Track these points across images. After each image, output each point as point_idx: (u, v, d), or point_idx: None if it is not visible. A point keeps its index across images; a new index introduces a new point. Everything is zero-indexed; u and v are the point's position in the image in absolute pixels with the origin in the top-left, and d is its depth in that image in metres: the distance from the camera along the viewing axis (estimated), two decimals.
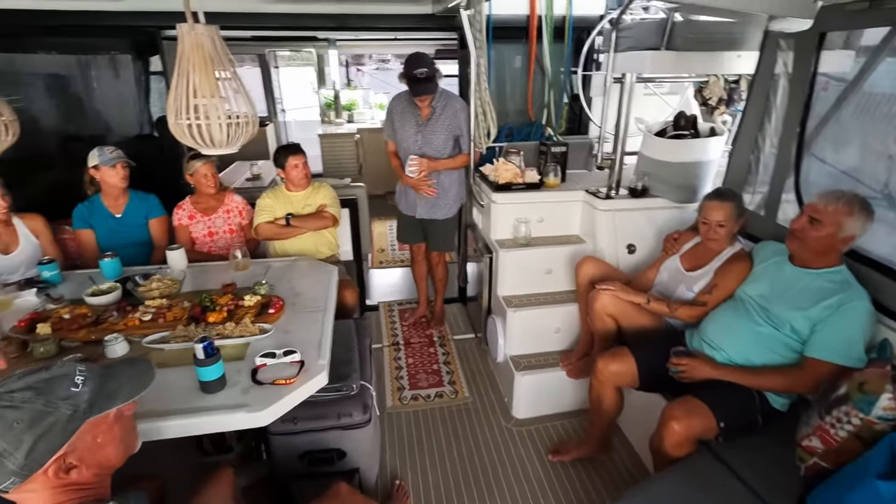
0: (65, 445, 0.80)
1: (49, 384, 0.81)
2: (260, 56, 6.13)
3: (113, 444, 0.88)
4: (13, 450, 0.75)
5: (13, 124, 1.66)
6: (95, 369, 0.89)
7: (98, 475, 0.86)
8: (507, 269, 2.56)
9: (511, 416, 2.46)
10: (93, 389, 0.85)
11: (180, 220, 2.67)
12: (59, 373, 0.83)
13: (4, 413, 0.76)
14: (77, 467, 0.82)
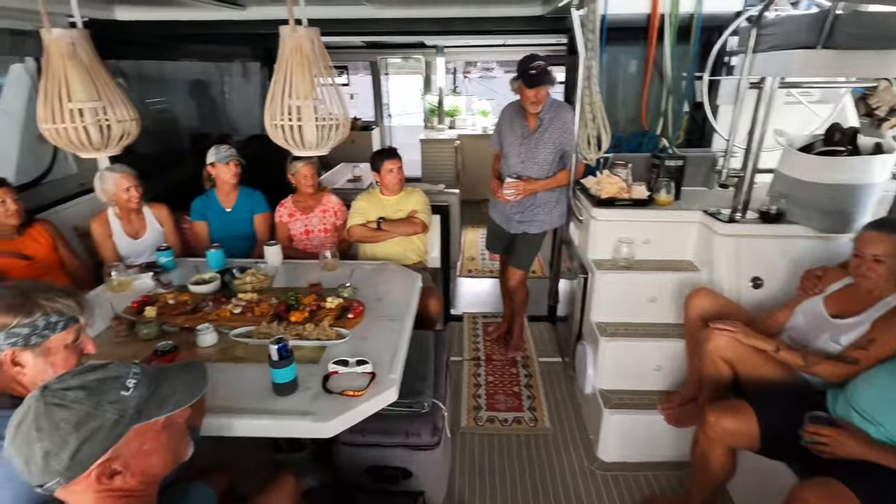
0: (109, 451, 0.78)
1: (101, 385, 0.80)
2: (371, 63, 6.38)
3: (160, 453, 0.86)
4: (59, 450, 0.75)
5: (135, 124, 1.79)
6: (150, 373, 0.87)
7: (143, 483, 0.84)
8: (604, 292, 2.31)
9: (596, 456, 2.21)
10: (142, 395, 0.83)
11: (281, 217, 2.80)
12: (113, 374, 0.83)
13: (53, 412, 0.76)
14: (121, 473, 0.80)
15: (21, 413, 0.77)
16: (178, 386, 0.88)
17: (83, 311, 1.10)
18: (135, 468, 0.81)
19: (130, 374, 0.83)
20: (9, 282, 2.07)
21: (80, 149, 1.69)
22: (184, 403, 0.87)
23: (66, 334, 1.06)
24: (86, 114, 1.62)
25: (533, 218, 2.63)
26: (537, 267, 4.28)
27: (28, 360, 1.01)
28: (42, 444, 0.74)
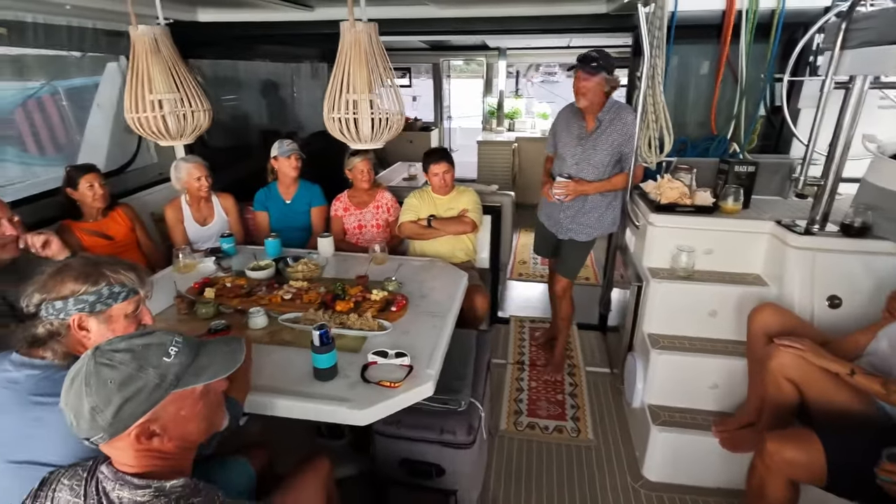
0: (149, 413, 0.83)
1: (145, 350, 0.86)
2: (434, 65, 6.46)
3: (196, 420, 0.90)
4: (104, 407, 0.81)
5: (208, 115, 1.91)
6: (191, 343, 0.92)
7: (179, 447, 0.89)
8: (658, 302, 2.19)
9: (640, 474, 2.10)
10: (182, 363, 0.88)
11: (336, 211, 2.89)
12: (157, 341, 0.88)
13: (102, 371, 0.82)
14: (159, 436, 0.85)
15: (75, 370, 0.84)
16: (216, 358, 0.93)
17: (143, 285, 1.18)
18: (172, 432, 0.86)
19: (173, 342, 0.88)
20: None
21: (158, 137, 1.82)
22: (220, 374, 0.91)
23: (126, 304, 1.14)
24: (165, 104, 1.75)
25: (582, 224, 2.52)
26: (591, 275, 4.15)
27: (92, 326, 1.10)
28: (90, 400, 0.80)
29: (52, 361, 1.08)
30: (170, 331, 0.92)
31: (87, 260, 1.15)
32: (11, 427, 1.01)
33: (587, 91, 2.27)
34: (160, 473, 0.85)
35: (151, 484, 0.83)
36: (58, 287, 1.07)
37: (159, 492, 0.82)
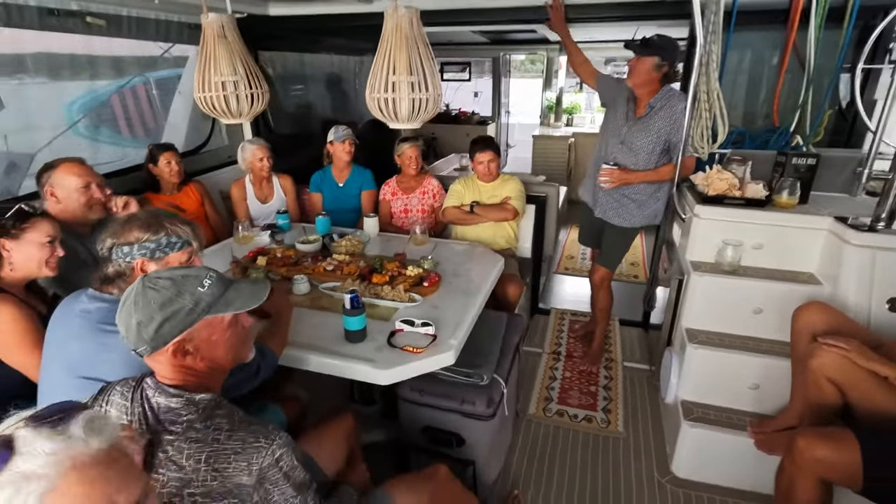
0: (184, 332, 0.97)
1: (184, 279, 0.99)
2: (494, 59, 6.48)
3: (224, 346, 1.03)
4: (147, 323, 0.95)
5: (265, 96, 2.08)
6: (223, 279, 1.05)
7: (209, 368, 1.02)
8: (699, 296, 2.12)
9: (668, 469, 2.05)
10: (214, 294, 1.01)
11: (384, 195, 3.02)
12: (194, 273, 1.01)
13: (147, 293, 0.96)
14: (192, 355, 0.98)
15: (127, 292, 0.99)
16: (243, 294, 1.05)
17: (195, 239, 1.34)
18: (203, 352, 0.99)
19: (207, 276, 1.02)
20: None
21: (221, 115, 2.02)
22: (245, 308, 1.04)
23: (181, 254, 1.30)
24: (227, 86, 1.93)
25: (620, 207, 2.48)
26: (641, 273, 4.03)
27: (151, 270, 1.26)
28: (136, 316, 0.95)
29: (119, 297, 1.25)
30: (206, 267, 1.05)
31: (150, 213, 1.32)
32: (83, 349, 1.19)
33: (638, 74, 2.24)
34: (191, 387, 0.98)
35: (183, 395, 0.96)
36: (126, 234, 1.25)
37: (189, 402, 0.96)
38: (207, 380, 1.02)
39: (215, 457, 0.92)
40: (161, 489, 0.91)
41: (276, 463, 0.95)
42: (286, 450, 0.97)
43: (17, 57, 2.97)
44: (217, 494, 0.92)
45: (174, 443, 0.92)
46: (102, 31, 2.46)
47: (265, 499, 0.96)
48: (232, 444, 0.93)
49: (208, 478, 0.91)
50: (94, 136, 3.68)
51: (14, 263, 1.45)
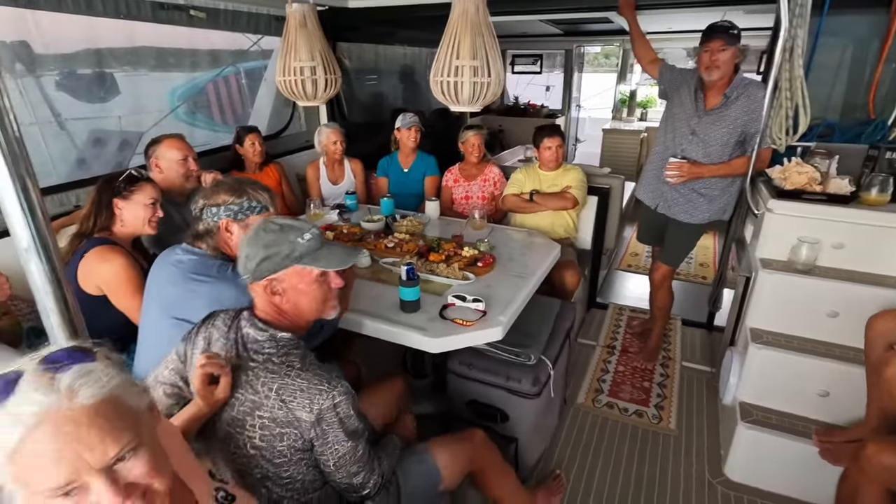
0: (276, 273, 1.11)
1: (289, 229, 1.13)
2: (567, 51, 6.37)
3: (309, 297, 1.15)
4: (252, 257, 1.11)
5: (337, 81, 2.22)
6: (320, 238, 1.17)
7: (293, 313, 1.16)
8: (767, 295, 2.01)
9: (721, 472, 1.98)
10: (309, 248, 1.13)
11: (447, 181, 3.10)
12: (298, 226, 1.15)
13: (260, 233, 1.12)
14: (280, 295, 1.13)
15: (251, 228, 1.16)
16: (335, 255, 1.17)
17: (273, 205, 1.49)
18: (290, 296, 1.14)
19: (308, 231, 1.15)
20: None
21: (298, 97, 2.19)
22: (330, 267, 1.16)
23: (260, 217, 1.45)
24: (305, 70, 2.09)
25: (687, 203, 2.37)
26: (711, 273, 3.83)
27: (235, 230, 1.43)
28: (246, 250, 1.13)
29: (206, 252, 1.43)
30: (312, 224, 1.19)
31: (236, 180, 1.49)
32: (176, 294, 1.38)
33: (722, 63, 2.11)
34: (277, 325, 1.14)
35: (268, 330, 1.12)
36: (214, 196, 1.42)
37: (272, 338, 1.11)
38: (291, 323, 1.16)
39: (284, 389, 1.05)
40: (239, 406, 1.07)
41: (334, 408, 1.06)
42: (345, 398, 1.08)
43: (132, 49, 3.37)
44: (280, 422, 1.05)
45: (254, 370, 1.07)
46: (203, 23, 2.74)
47: (321, 437, 1.07)
48: (299, 381, 1.05)
49: (276, 406, 1.04)
50: (191, 120, 4.07)
51: (124, 220, 1.68)
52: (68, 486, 0.60)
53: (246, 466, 1.07)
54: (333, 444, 1.08)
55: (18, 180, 0.68)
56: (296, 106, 3.63)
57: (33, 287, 0.75)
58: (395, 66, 4.91)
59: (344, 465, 1.10)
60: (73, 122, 3.06)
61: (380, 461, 1.19)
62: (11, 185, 0.68)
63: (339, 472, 1.11)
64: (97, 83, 3.06)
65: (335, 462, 1.09)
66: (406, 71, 5.09)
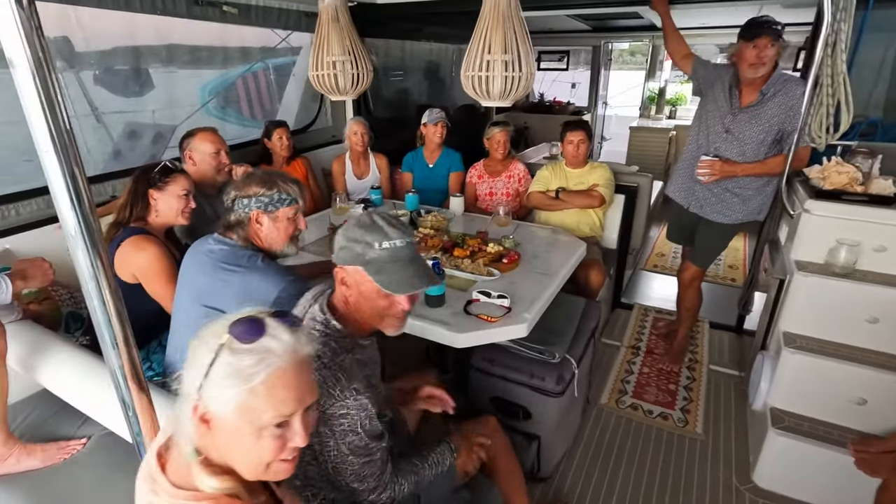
0: (346, 266, 1.11)
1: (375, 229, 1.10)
2: (594, 48, 6.27)
3: (369, 304, 1.11)
4: (338, 241, 1.13)
5: (369, 75, 2.24)
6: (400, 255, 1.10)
7: (356, 310, 1.14)
8: (802, 298, 1.95)
9: (749, 478, 1.93)
10: (380, 257, 1.09)
11: (471, 177, 3.09)
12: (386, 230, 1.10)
13: (351, 225, 1.13)
14: (347, 287, 1.12)
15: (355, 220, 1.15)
16: (402, 275, 1.09)
17: (301, 198, 1.50)
18: (353, 293, 1.12)
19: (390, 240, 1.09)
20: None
21: (330, 92, 2.21)
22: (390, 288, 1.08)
23: (289, 209, 1.46)
24: (337, 65, 2.11)
25: (720, 202, 2.31)
26: (740, 276, 3.74)
27: (264, 221, 1.45)
28: (341, 232, 1.15)
29: (236, 243, 1.46)
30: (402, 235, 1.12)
31: (266, 172, 1.51)
32: (206, 283, 1.41)
33: (769, 60, 2.05)
34: (340, 315, 1.14)
35: (326, 314, 1.13)
36: (246, 188, 1.44)
37: (326, 322, 1.11)
38: (353, 320, 1.15)
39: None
40: None
41: (342, 417, 1.04)
42: (355, 413, 1.04)
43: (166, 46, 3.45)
44: None
45: None
46: (235, 19, 2.78)
47: (323, 439, 1.07)
48: (315, 374, 1.03)
49: None
50: (221, 115, 4.16)
51: (159, 211, 1.72)
52: (290, 416, 0.71)
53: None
54: (334, 450, 1.07)
55: (67, 170, 0.70)
56: (323, 101, 3.67)
57: (79, 272, 0.77)
58: (420, 62, 4.92)
59: (344, 475, 1.10)
60: (110, 116, 3.16)
61: (397, 480, 1.16)
62: (61, 174, 0.70)
63: (341, 481, 1.11)
64: (133, 78, 3.15)
65: (334, 467, 1.09)
66: (431, 67, 5.09)
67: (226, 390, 0.67)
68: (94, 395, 1.34)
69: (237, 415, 0.68)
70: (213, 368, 0.68)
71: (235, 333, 0.69)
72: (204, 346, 0.70)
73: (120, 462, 1.40)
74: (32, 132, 0.68)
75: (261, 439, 0.70)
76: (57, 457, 1.45)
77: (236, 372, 0.67)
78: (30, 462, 1.43)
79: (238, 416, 0.68)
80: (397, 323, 1.16)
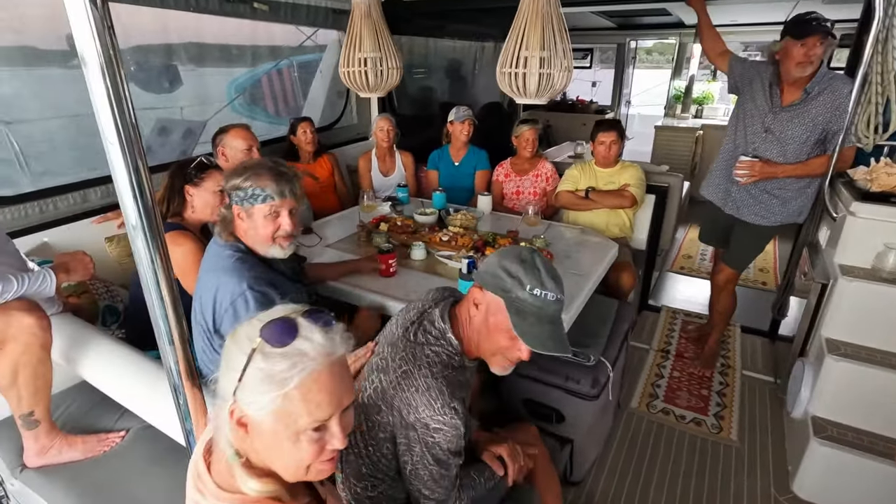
0: (486, 291, 1.06)
1: (533, 273, 1.03)
2: (619, 45, 6.18)
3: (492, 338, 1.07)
4: (491, 264, 1.07)
5: (399, 73, 2.22)
6: (547, 303, 1.04)
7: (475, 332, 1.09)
8: (846, 304, 1.89)
9: (788, 488, 1.87)
10: (524, 303, 1.02)
11: (498, 176, 3.06)
12: (543, 279, 1.03)
13: (515, 255, 1.06)
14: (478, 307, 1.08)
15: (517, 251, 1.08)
16: (537, 332, 1.03)
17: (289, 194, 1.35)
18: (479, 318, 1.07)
19: (538, 288, 1.02)
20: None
21: (360, 88, 2.20)
22: (524, 339, 1.02)
23: (264, 207, 1.33)
24: (368, 62, 2.10)
25: (758, 204, 2.24)
26: (771, 279, 3.65)
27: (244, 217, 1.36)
28: (495, 257, 1.09)
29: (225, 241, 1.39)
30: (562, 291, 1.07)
31: (251, 163, 1.39)
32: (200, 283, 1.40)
33: (817, 59, 1.98)
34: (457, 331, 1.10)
35: (447, 324, 1.09)
36: (228, 179, 1.35)
37: (443, 333, 1.09)
38: (465, 337, 1.11)
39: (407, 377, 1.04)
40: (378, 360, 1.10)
41: (435, 431, 1.01)
42: (447, 430, 1.01)
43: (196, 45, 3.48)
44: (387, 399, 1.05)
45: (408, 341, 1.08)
46: (265, 15, 2.80)
47: (406, 442, 1.05)
48: (422, 382, 1.02)
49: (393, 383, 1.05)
50: (246, 111, 4.19)
51: (195, 207, 1.73)
52: (328, 419, 0.69)
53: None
54: (417, 455, 1.05)
55: (131, 162, 0.70)
56: (348, 98, 3.67)
57: (137, 262, 0.77)
58: (442, 60, 4.89)
59: (417, 480, 1.08)
60: (141, 112, 3.20)
61: (459, 495, 1.13)
62: (125, 167, 0.70)
63: (411, 484, 1.10)
64: (164, 75, 3.18)
65: (411, 471, 1.08)
66: (453, 65, 5.07)
67: (260, 396, 0.65)
68: (135, 389, 1.35)
69: (273, 419, 0.67)
70: (246, 373, 0.66)
71: (267, 337, 0.66)
72: (236, 349, 0.68)
73: (159, 456, 1.41)
74: (100, 125, 0.68)
75: (298, 443, 0.68)
76: (97, 449, 1.46)
77: (269, 377, 0.65)
78: (71, 453, 1.44)
79: (274, 421, 0.67)
80: (508, 366, 1.12)
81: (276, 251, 1.40)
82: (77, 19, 0.62)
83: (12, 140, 2.76)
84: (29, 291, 1.30)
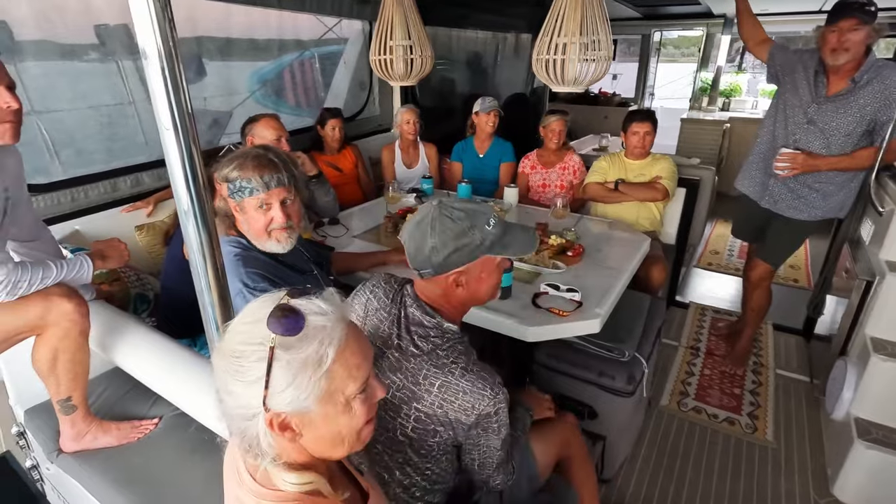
0: (465, 265, 1.00)
1: (475, 213, 1.00)
2: (644, 36, 6.05)
3: (488, 284, 1.05)
4: (440, 249, 0.98)
5: (430, 61, 2.19)
6: (502, 221, 1.05)
7: (467, 301, 1.06)
8: (894, 302, 1.81)
9: (828, 491, 1.82)
10: (496, 234, 1.01)
11: (524, 168, 3.02)
12: (481, 210, 1.02)
13: (444, 220, 0.99)
14: (464, 286, 1.02)
15: (423, 213, 1.02)
16: (518, 240, 1.05)
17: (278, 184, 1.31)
18: (470, 286, 1.03)
19: (491, 215, 1.02)
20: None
21: (389, 77, 2.17)
22: (519, 255, 1.05)
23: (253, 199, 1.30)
24: (398, 50, 2.07)
25: (798, 198, 2.16)
26: (803, 277, 3.55)
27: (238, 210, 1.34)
28: (432, 241, 0.98)
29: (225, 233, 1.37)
30: (489, 206, 1.06)
31: (243, 150, 1.35)
32: None
33: (852, 45, 1.88)
34: (443, 313, 1.05)
35: (436, 317, 1.03)
36: (221, 167, 1.32)
37: (438, 326, 1.03)
38: (458, 311, 1.08)
39: (447, 389, 0.97)
40: (395, 391, 1.01)
41: (495, 414, 0.98)
42: (504, 406, 0.99)
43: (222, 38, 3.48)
44: (437, 420, 0.99)
45: (417, 359, 1.00)
46: (290, 4, 2.78)
47: (474, 439, 1.02)
48: (463, 383, 0.97)
49: (435, 403, 0.98)
50: (267, 103, 4.19)
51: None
52: (367, 381, 0.69)
53: (390, 450, 1.05)
54: (483, 447, 1.04)
55: (186, 148, 0.69)
56: (371, 90, 3.65)
57: (188, 247, 0.76)
58: (464, 52, 4.83)
59: (487, 467, 1.07)
60: None
61: (512, 458, 1.13)
62: (178, 153, 0.69)
63: (481, 472, 1.08)
64: (188, 65, 3.18)
65: (480, 462, 1.06)
66: (476, 57, 5.00)
67: (299, 388, 0.62)
68: (169, 376, 1.35)
69: (322, 403, 0.65)
70: (273, 375, 0.62)
71: (280, 330, 0.62)
72: (246, 361, 0.63)
73: (193, 444, 1.41)
74: (156, 113, 0.69)
75: (351, 411, 0.68)
76: (131, 435, 1.47)
77: (304, 364, 0.62)
78: (106, 439, 1.45)
79: (324, 404, 0.65)
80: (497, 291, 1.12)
81: (273, 246, 1.35)
82: (139, 15, 0.64)
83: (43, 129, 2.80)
84: (67, 277, 1.30)
